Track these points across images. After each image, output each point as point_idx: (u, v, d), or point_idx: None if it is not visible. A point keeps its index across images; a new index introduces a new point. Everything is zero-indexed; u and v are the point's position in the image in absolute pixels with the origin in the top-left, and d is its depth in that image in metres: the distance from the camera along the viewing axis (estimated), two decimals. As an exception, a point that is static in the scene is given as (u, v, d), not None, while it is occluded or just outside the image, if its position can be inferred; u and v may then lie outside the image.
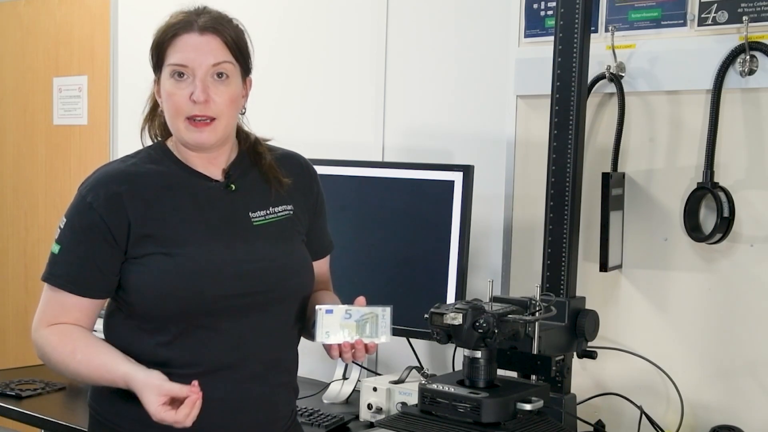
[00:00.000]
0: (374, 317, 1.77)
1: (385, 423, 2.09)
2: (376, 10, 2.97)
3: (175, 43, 1.78)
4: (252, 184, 1.89)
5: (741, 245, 2.30)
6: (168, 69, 1.79)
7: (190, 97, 1.76)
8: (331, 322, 1.76)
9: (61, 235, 1.81)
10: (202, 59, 1.77)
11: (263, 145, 1.93)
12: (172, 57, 1.78)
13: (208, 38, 1.79)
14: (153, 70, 1.85)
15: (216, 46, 1.79)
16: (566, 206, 2.29)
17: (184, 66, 1.77)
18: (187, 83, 1.77)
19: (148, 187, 1.80)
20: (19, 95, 4.40)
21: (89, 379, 1.80)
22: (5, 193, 4.49)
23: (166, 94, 1.80)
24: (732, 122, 2.30)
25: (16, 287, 4.45)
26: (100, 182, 1.81)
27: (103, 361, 1.75)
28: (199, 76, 1.77)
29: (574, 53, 2.27)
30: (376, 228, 2.61)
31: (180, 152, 1.86)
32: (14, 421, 2.68)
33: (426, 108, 2.88)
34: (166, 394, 1.67)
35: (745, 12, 2.25)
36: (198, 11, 1.82)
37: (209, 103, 1.77)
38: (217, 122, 1.80)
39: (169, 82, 1.79)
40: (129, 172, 1.82)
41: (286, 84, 3.17)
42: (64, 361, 1.78)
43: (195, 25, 1.78)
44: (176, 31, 1.78)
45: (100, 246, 1.78)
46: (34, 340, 1.82)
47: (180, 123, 1.79)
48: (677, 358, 2.39)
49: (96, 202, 1.78)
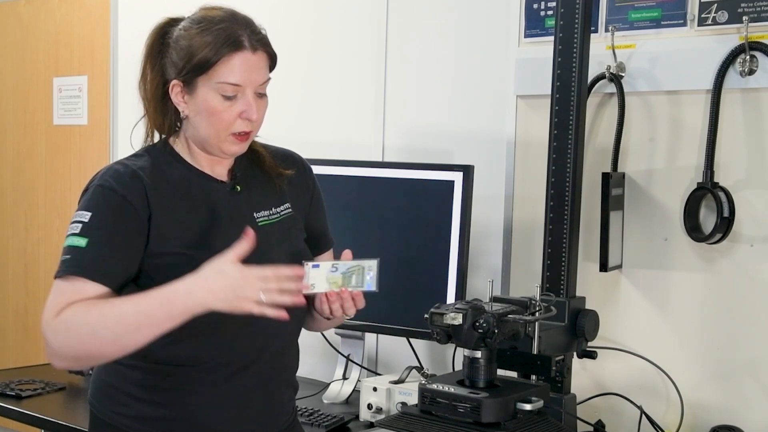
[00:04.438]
0: (360, 269, 1.79)
1: (385, 423, 2.09)
2: (376, 10, 2.97)
3: (228, 62, 1.74)
4: (255, 184, 1.90)
5: (741, 245, 2.30)
6: (216, 85, 1.75)
7: (241, 114, 1.76)
8: (317, 275, 1.77)
9: (86, 228, 1.73)
10: (253, 78, 1.77)
11: (257, 142, 1.94)
12: (225, 76, 1.74)
13: (260, 57, 1.78)
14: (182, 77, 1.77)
15: (264, 64, 1.80)
16: (566, 206, 2.29)
17: (238, 86, 1.75)
18: (237, 101, 1.76)
19: (161, 187, 1.80)
20: (19, 95, 4.40)
21: (137, 321, 1.65)
22: (5, 193, 4.49)
23: (210, 109, 1.76)
24: (732, 122, 2.30)
25: (16, 287, 4.45)
26: (121, 173, 1.78)
27: (144, 294, 1.67)
28: (250, 95, 1.77)
29: (574, 53, 2.27)
30: (376, 228, 2.61)
31: (190, 152, 1.86)
32: (14, 421, 2.68)
33: (426, 108, 2.88)
34: (232, 258, 1.64)
35: (745, 12, 2.25)
36: (243, 21, 1.78)
37: (256, 121, 1.80)
38: (252, 134, 1.83)
39: (217, 99, 1.75)
40: (145, 168, 1.80)
41: (286, 84, 3.16)
42: (108, 314, 1.66)
43: (246, 43, 1.75)
44: (229, 50, 1.74)
45: (131, 231, 1.74)
46: (53, 327, 1.68)
47: (224, 137, 1.78)
48: (677, 358, 2.39)
49: (123, 189, 1.75)
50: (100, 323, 1.66)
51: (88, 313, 1.67)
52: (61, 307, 1.69)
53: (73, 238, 1.73)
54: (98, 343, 1.68)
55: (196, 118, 1.79)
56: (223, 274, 1.64)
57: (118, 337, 1.67)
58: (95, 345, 1.68)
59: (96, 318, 1.67)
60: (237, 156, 1.88)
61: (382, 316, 2.56)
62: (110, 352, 1.70)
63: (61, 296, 1.70)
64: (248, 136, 1.81)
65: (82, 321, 1.67)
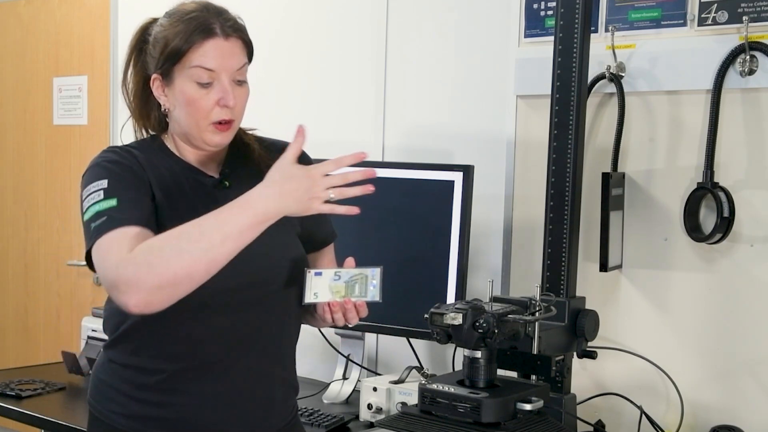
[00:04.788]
0: (363, 278, 1.78)
1: (385, 423, 2.09)
2: (376, 10, 2.97)
3: (199, 49, 1.76)
4: (245, 178, 1.88)
5: (741, 245, 2.30)
6: (190, 72, 1.76)
7: (218, 102, 1.77)
8: (320, 284, 1.77)
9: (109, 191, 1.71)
10: (228, 64, 1.77)
11: (248, 134, 1.94)
12: (198, 61, 1.75)
13: (233, 43, 1.78)
14: (160, 70, 1.80)
15: (239, 50, 1.80)
16: (566, 206, 2.29)
17: (211, 71, 1.76)
18: (213, 88, 1.77)
19: (152, 173, 1.81)
20: (19, 95, 4.40)
21: (219, 230, 1.62)
22: (5, 193, 4.49)
23: (187, 98, 1.77)
24: (732, 122, 2.30)
25: (16, 287, 4.45)
26: (114, 151, 1.82)
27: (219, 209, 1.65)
28: (226, 81, 1.77)
29: (574, 53, 2.27)
30: (376, 228, 2.61)
31: (177, 147, 1.86)
32: (14, 421, 2.68)
33: (426, 108, 2.88)
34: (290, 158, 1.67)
35: (745, 12, 2.25)
36: (211, 11, 1.80)
37: (234, 107, 1.79)
38: (234, 123, 1.82)
39: (192, 87, 1.76)
40: (137, 156, 1.82)
41: (286, 84, 3.17)
42: (184, 233, 1.62)
43: (217, 29, 1.77)
44: (200, 36, 1.75)
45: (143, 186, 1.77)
46: (129, 261, 1.62)
47: (204, 126, 1.79)
48: (677, 358, 2.39)
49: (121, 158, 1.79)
50: (185, 241, 1.62)
51: (169, 235, 1.64)
52: (128, 246, 1.64)
53: (100, 204, 1.70)
54: (184, 261, 1.61)
55: (176, 110, 1.81)
56: (290, 176, 1.65)
57: (204, 252, 1.61)
58: (181, 264, 1.61)
59: (178, 238, 1.62)
60: (226, 151, 1.89)
61: (382, 316, 2.55)
62: (197, 271, 1.62)
63: (121, 241, 1.65)
64: (229, 125, 1.80)
65: (164, 244, 1.63)
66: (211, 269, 1.63)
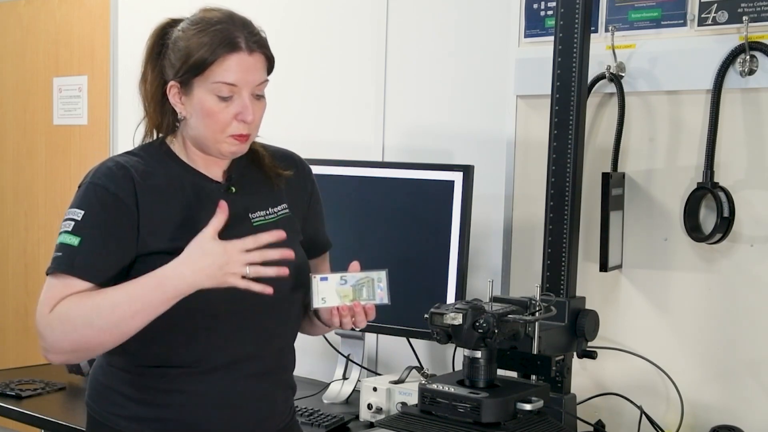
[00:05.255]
0: (370, 281, 1.79)
1: (385, 423, 2.09)
2: (376, 10, 2.97)
3: (223, 62, 1.74)
4: (251, 184, 1.89)
5: (741, 245, 2.30)
6: (212, 86, 1.75)
7: (237, 116, 1.76)
8: (327, 288, 1.77)
9: (78, 226, 1.74)
10: (250, 79, 1.76)
11: (256, 142, 1.94)
12: (221, 76, 1.74)
13: (256, 58, 1.77)
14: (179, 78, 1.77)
15: (261, 66, 1.79)
16: (566, 206, 2.29)
17: (233, 86, 1.75)
18: (233, 102, 1.76)
19: (153, 184, 1.80)
20: (19, 95, 4.40)
21: (131, 307, 1.66)
22: (5, 193, 4.49)
23: (206, 110, 1.76)
24: (732, 122, 2.30)
25: (16, 287, 4.45)
26: (112, 171, 1.79)
27: (135, 281, 1.68)
28: (246, 96, 1.76)
29: (574, 53, 2.27)
30: (376, 228, 2.61)
31: (185, 153, 1.86)
32: (14, 421, 2.68)
33: (426, 108, 2.88)
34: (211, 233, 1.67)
35: (745, 12, 2.25)
36: (237, 23, 1.78)
37: (252, 123, 1.79)
38: (251, 135, 1.82)
39: (212, 100, 1.75)
40: (137, 167, 1.81)
41: (286, 84, 3.16)
42: (101, 303, 1.67)
43: (242, 44, 1.75)
44: (225, 50, 1.74)
45: (124, 228, 1.75)
46: (47, 322, 1.69)
47: (222, 138, 1.78)
48: (677, 358, 2.39)
49: (114, 187, 1.76)
50: (95, 313, 1.68)
51: (83, 303, 1.69)
52: (54, 302, 1.70)
53: (65, 236, 1.75)
54: (95, 332, 1.68)
55: (193, 119, 1.79)
56: (206, 252, 1.66)
57: (114, 325, 1.68)
58: (92, 335, 1.69)
59: (90, 308, 1.68)
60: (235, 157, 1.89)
61: (382, 316, 2.54)
62: (107, 341, 1.71)
63: (54, 292, 1.72)
64: (247, 137, 1.81)
65: (77, 312, 1.68)
66: (122, 339, 1.70)
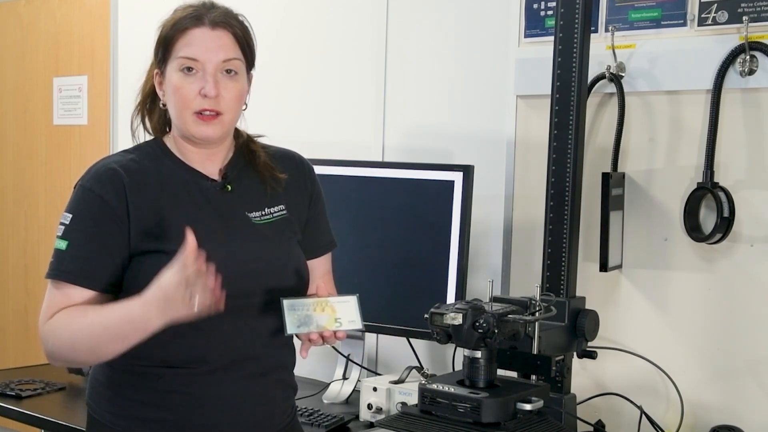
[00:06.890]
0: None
1: (385, 423, 2.09)
2: (376, 10, 2.97)
3: (185, 37, 1.78)
4: (248, 184, 1.89)
5: (741, 245, 2.30)
6: (176, 62, 1.78)
7: (200, 91, 1.77)
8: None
9: (67, 230, 1.78)
10: (212, 54, 1.78)
11: (256, 142, 1.94)
12: (183, 50, 1.78)
13: (219, 33, 1.79)
14: (157, 63, 1.83)
15: (227, 42, 1.80)
16: (566, 206, 2.29)
17: (195, 60, 1.77)
18: (197, 78, 1.78)
19: (148, 183, 1.80)
20: (19, 95, 4.40)
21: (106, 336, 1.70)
22: (5, 193, 4.49)
23: (173, 87, 1.79)
24: (732, 122, 2.30)
25: (16, 287, 4.45)
26: (101, 173, 1.80)
27: (114, 307, 1.71)
28: (210, 71, 1.77)
29: (574, 53, 2.27)
30: (376, 228, 2.61)
31: (179, 149, 1.86)
32: (14, 421, 2.68)
33: (426, 108, 2.88)
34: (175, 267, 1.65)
35: (745, 12, 2.25)
36: (207, 5, 1.82)
37: (219, 99, 1.78)
38: (224, 117, 1.81)
39: (177, 76, 1.78)
40: (129, 167, 1.81)
41: (286, 83, 3.17)
42: (81, 327, 1.72)
43: (206, 19, 1.78)
44: (187, 24, 1.78)
45: (111, 232, 1.76)
46: (44, 333, 1.76)
47: (188, 116, 1.79)
48: (677, 358, 2.39)
49: (101, 189, 1.77)
50: (77, 335, 1.73)
51: (69, 323, 1.74)
52: (52, 312, 1.76)
53: (57, 241, 1.79)
54: (77, 354, 1.77)
55: (168, 104, 1.82)
56: (159, 289, 1.66)
57: (91, 350, 1.74)
58: (74, 355, 1.78)
59: (74, 330, 1.74)
60: (230, 154, 1.88)
61: (382, 316, 2.56)
62: (89, 362, 1.83)
63: (52, 300, 1.77)
64: (215, 118, 1.79)
65: (63, 332, 1.74)
66: (101, 361, 1.79)
